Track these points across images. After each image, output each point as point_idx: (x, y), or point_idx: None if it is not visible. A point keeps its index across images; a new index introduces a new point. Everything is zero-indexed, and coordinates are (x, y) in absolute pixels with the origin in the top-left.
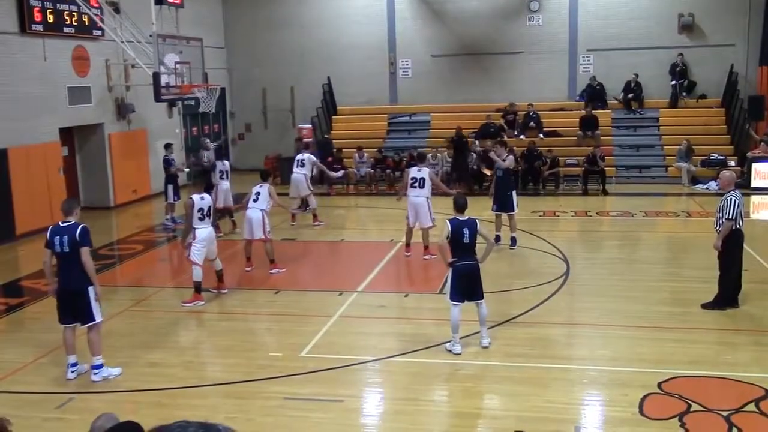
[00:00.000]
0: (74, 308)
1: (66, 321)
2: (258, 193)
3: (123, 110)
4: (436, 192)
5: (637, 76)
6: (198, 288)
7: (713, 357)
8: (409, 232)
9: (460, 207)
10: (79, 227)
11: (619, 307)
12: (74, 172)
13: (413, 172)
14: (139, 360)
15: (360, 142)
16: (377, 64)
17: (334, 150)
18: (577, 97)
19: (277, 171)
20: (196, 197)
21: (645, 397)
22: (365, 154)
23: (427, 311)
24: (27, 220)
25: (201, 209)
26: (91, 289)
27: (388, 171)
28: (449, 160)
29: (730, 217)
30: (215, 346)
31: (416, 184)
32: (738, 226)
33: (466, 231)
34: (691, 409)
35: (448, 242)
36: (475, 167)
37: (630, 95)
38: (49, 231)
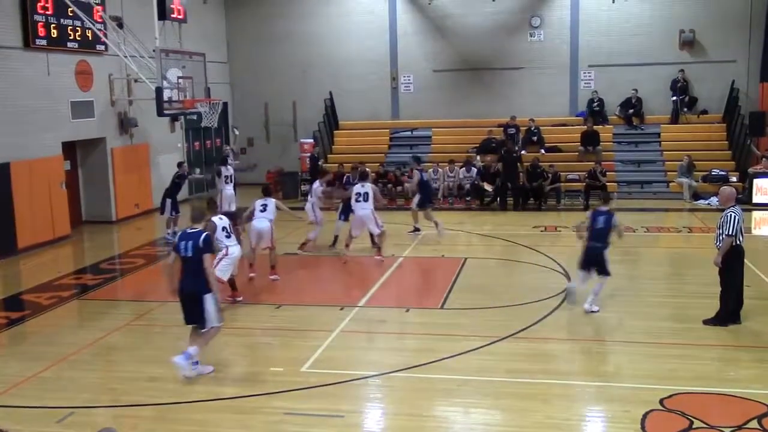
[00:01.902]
0: (192, 311)
1: (188, 322)
2: (264, 205)
3: (125, 124)
4: (377, 206)
5: (636, 91)
6: (233, 284)
7: (716, 373)
8: (350, 239)
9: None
10: (203, 235)
11: (621, 322)
12: (76, 186)
13: (357, 188)
14: (140, 374)
15: (362, 157)
16: (379, 79)
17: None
18: (578, 114)
19: (279, 185)
20: (215, 219)
21: (647, 413)
22: (367, 169)
23: (429, 326)
24: (29, 234)
25: (224, 227)
26: (208, 296)
27: (389, 186)
28: (450, 175)
29: (730, 233)
30: (216, 360)
31: (361, 199)
32: (738, 242)
33: None
34: (694, 426)
35: None
36: (475, 183)
37: (630, 111)
38: (179, 235)
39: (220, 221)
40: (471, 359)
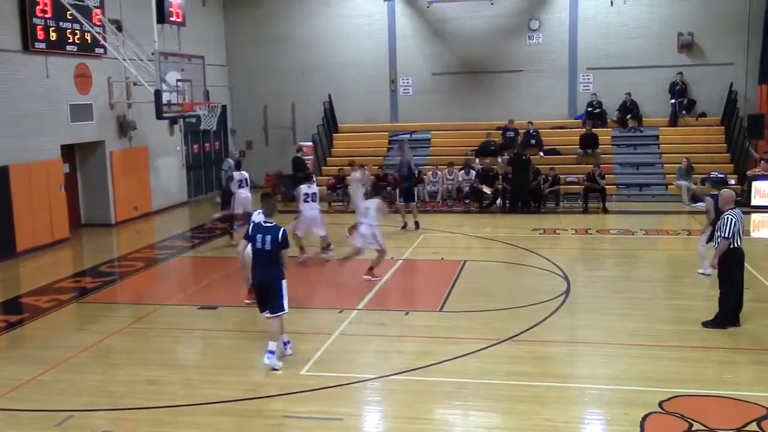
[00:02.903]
0: (267, 298)
1: (264, 310)
2: (314, 194)
3: (124, 128)
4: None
5: (629, 95)
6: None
7: (715, 376)
8: (299, 239)
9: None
10: (281, 230)
11: (620, 325)
12: (75, 189)
13: (305, 188)
14: (139, 377)
15: (360, 159)
16: (378, 82)
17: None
18: (577, 116)
19: (277, 188)
20: (303, 186)
21: (646, 416)
22: (366, 171)
23: (428, 329)
24: (28, 237)
25: (306, 194)
26: (283, 282)
27: (388, 188)
28: (449, 177)
29: (726, 235)
30: (215, 363)
31: (309, 199)
32: (736, 245)
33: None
34: (693, 429)
35: None
36: (474, 185)
37: (628, 116)
38: (251, 227)
39: (308, 188)
40: (470, 362)
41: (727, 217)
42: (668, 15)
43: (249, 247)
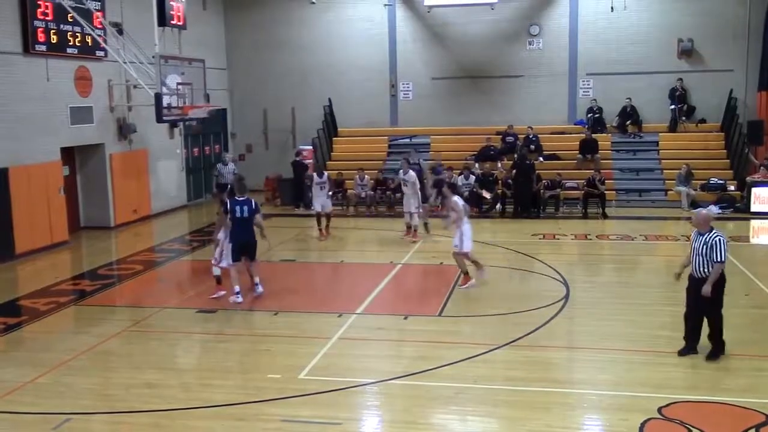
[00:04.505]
0: (247, 252)
1: (237, 260)
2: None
3: (124, 130)
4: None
5: (630, 100)
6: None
7: (714, 382)
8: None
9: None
10: (253, 200)
11: (619, 330)
12: (75, 192)
13: (316, 178)
14: (137, 381)
15: (360, 164)
16: (378, 86)
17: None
18: (577, 122)
19: (277, 191)
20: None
21: (645, 422)
22: (366, 176)
23: (427, 333)
24: (27, 240)
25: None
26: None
27: (388, 193)
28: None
29: (722, 259)
30: (214, 367)
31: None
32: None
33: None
34: None
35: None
36: (474, 190)
37: (628, 121)
38: (230, 203)
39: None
40: (469, 367)
41: (718, 239)
42: (668, 21)
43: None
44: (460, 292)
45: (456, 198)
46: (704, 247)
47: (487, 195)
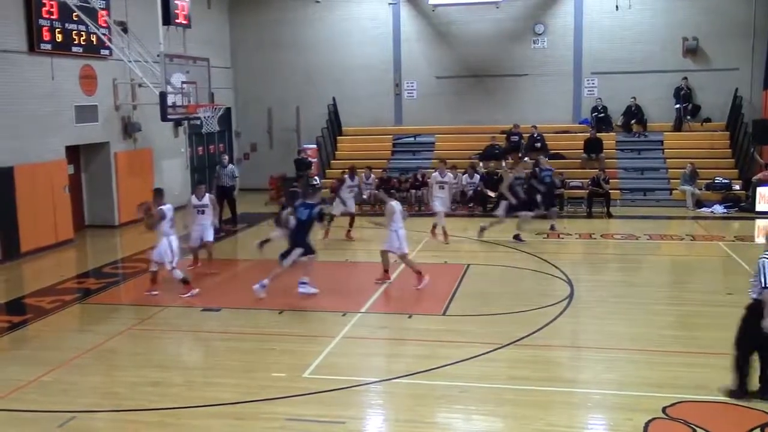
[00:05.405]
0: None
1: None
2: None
3: (129, 129)
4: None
5: (635, 99)
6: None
7: (719, 381)
8: (196, 251)
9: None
10: (318, 207)
11: (624, 330)
12: (80, 191)
13: (194, 200)
14: (142, 379)
15: (365, 162)
16: (382, 85)
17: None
18: (581, 121)
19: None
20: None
21: (650, 421)
22: (372, 174)
23: (431, 333)
24: (32, 238)
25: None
26: None
27: (392, 191)
28: (454, 181)
29: (765, 285)
30: (218, 365)
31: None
32: None
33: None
34: None
35: None
36: (478, 189)
37: (633, 120)
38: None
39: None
40: (473, 366)
41: (763, 262)
42: (673, 20)
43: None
44: (465, 291)
45: (393, 202)
46: (756, 266)
47: (491, 194)
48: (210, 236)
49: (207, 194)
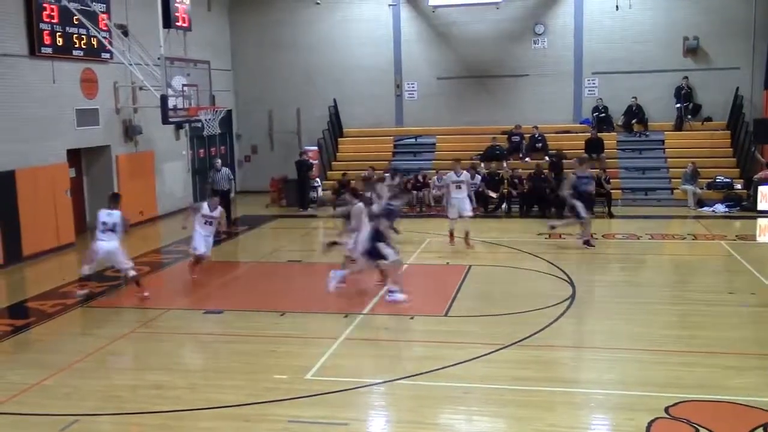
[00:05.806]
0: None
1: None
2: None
3: (130, 132)
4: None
5: (636, 99)
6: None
7: (721, 381)
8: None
9: None
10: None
11: (626, 329)
12: (81, 194)
13: (103, 216)
14: (145, 382)
15: (366, 164)
16: (383, 87)
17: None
18: (582, 121)
19: (283, 192)
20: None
21: (652, 421)
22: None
23: (433, 334)
24: (33, 242)
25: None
26: None
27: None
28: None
29: None
30: (220, 368)
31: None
32: None
33: None
34: None
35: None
36: (480, 190)
37: (634, 120)
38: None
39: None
40: (475, 367)
41: None
42: (673, 19)
43: None
44: (467, 292)
45: (360, 204)
46: None
47: (493, 194)
48: (208, 250)
49: (219, 207)
